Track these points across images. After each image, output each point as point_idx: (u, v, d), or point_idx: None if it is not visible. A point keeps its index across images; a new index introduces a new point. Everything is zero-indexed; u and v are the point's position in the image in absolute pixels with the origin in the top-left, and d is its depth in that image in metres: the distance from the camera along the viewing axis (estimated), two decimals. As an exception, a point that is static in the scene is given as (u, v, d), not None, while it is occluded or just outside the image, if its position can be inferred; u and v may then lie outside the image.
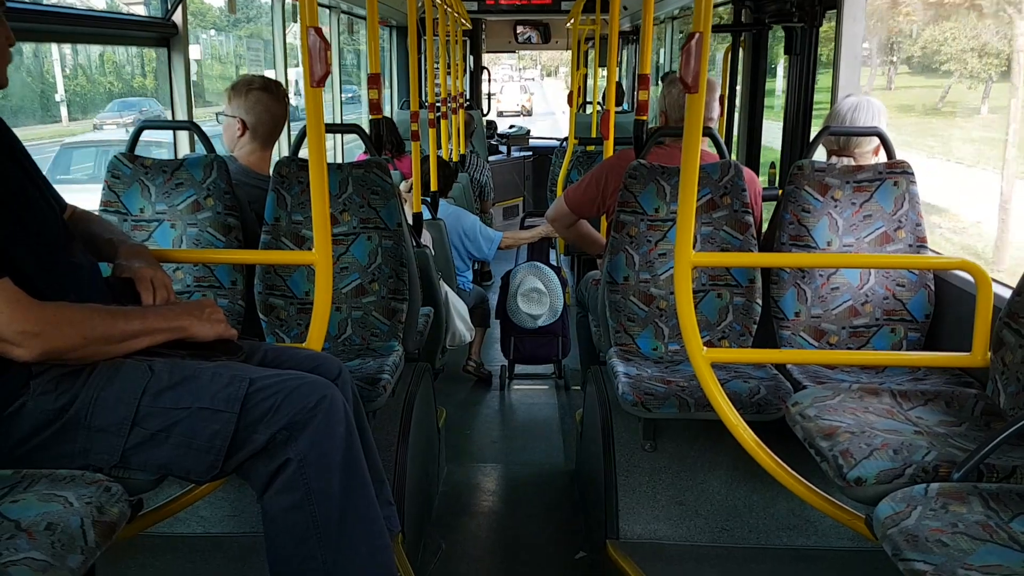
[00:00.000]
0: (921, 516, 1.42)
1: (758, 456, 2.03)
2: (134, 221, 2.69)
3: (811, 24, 3.79)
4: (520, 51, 12.42)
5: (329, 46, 1.88)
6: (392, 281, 2.80)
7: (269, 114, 2.86)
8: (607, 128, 4.05)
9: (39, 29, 2.72)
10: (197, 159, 2.72)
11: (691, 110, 1.90)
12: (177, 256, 2.33)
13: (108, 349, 1.61)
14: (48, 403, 1.54)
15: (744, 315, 2.75)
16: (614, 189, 3.13)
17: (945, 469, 1.61)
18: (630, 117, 6.84)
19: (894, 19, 3.68)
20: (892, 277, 2.64)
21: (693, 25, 1.87)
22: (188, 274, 2.70)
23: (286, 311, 2.76)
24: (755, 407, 2.33)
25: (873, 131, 2.70)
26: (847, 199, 2.65)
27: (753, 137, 5.06)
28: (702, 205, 2.76)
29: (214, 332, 1.79)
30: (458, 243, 4.71)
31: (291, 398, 1.64)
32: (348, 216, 2.79)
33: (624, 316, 2.81)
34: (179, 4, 3.26)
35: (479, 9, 8.60)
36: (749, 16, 4.70)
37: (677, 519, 2.50)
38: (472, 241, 4.72)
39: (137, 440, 1.57)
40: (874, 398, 1.95)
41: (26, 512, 1.36)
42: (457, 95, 6.92)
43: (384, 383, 2.41)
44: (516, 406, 4.69)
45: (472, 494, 3.35)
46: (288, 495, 1.64)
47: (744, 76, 5.03)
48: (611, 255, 2.82)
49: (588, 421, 3.04)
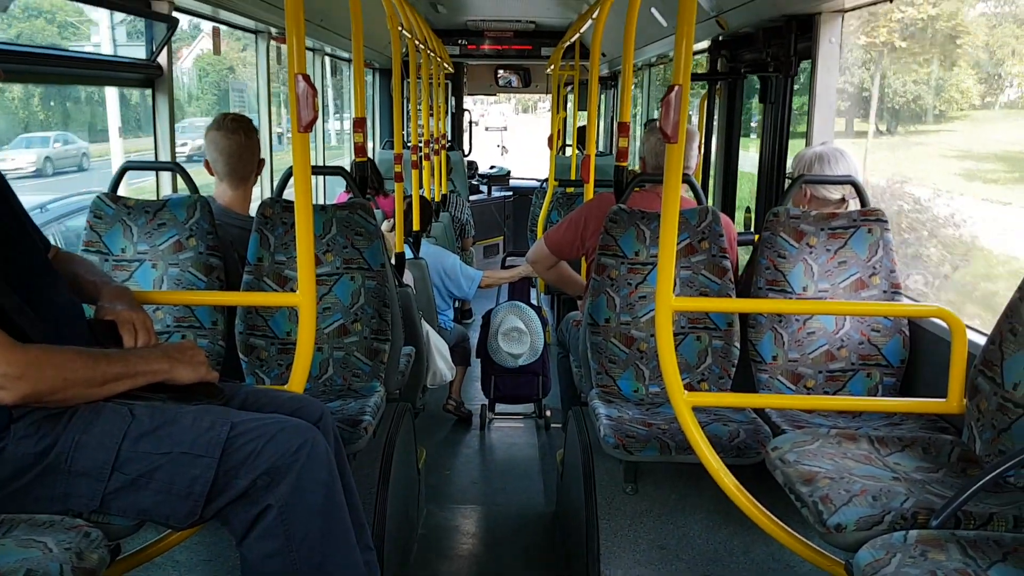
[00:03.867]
0: (900, 563, 1.44)
1: (738, 500, 2.04)
2: (115, 261, 2.68)
3: (786, 74, 3.89)
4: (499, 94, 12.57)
5: (316, 92, 1.91)
6: (375, 321, 2.80)
7: (218, 151, 2.88)
8: (587, 172, 4.11)
9: (22, 70, 2.73)
10: (180, 200, 2.73)
11: (671, 159, 1.95)
12: (160, 298, 2.33)
13: (90, 392, 1.60)
14: (29, 447, 1.53)
15: (723, 358, 2.78)
16: (593, 231, 3.17)
17: (923, 516, 1.63)
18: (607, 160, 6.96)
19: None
20: (867, 323, 2.69)
21: (673, 78, 1.93)
22: (168, 314, 2.69)
23: (267, 351, 2.75)
24: (735, 451, 2.35)
25: (847, 179, 2.77)
26: (822, 245, 2.71)
27: (728, 182, 5.15)
28: (681, 249, 2.81)
29: (196, 375, 1.78)
30: (439, 282, 4.72)
31: (272, 443, 1.64)
32: (331, 256, 2.80)
33: (605, 358, 2.83)
34: (164, 46, 3.28)
35: (461, 54, 8.74)
36: (725, 65, 4.82)
37: (659, 563, 2.50)
38: (452, 280, 4.74)
39: (117, 485, 1.56)
40: (852, 443, 1.98)
41: (5, 558, 1.34)
42: (439, 136, 7.00)
43: (366, 425, 2.40)
44: (496, 446, 4.67)
45: (452, 536, 3.32)
46: (268, 542, 1.63)
47: (720, 123, 5.14)
48: (592, 297, 2.85)
49: (569, 463, 3.03)
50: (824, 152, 2.86)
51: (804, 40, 3.69)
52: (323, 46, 5.93)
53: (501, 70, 10.22)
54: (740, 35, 4.49)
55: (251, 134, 2.91)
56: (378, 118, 8.58)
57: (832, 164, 2.82)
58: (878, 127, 4.47)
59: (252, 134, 2.91)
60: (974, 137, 4.06)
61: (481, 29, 8.59)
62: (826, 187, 2.83)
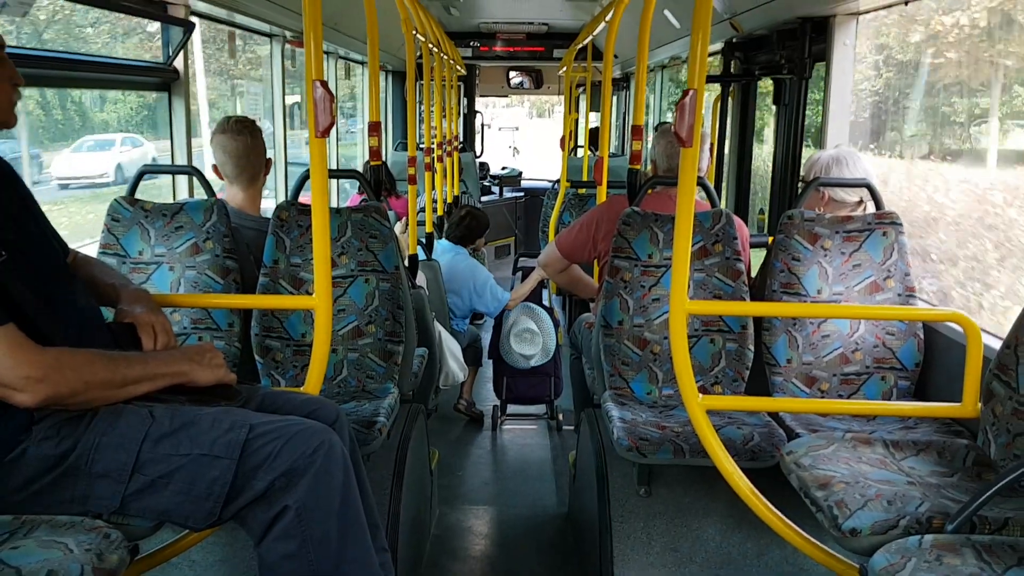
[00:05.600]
0: (916, 568, 1.44)
1: (753, 504, 2.04)
2: (133, 264, 2.71)
3: (800, 76, 3.88)
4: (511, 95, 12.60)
5: (334, 98, 1.93)
6: (389, 323, 2.82)
7: (226, 154, 2.89)
8: (600, 174, 4.11)
9: (39, 75, 2.76)
10: (197, 203, 2.75)
11: (686, 162, 1.95)
12: (178, 301, 2.35)
13: (110, 394, 1.62)
14: (49, 449, 1.55)
15: (737, 361, 2.78)
16: (605, 234, 3.18)
17: (938, 520, 1.63)
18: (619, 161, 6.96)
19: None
20: (882, 326, 2.68)
21: (688, 82, 1.93)
22: (185, 316, 2.71)
23: (282, 353, 2.77)
24: (749, 454, 2.34)
25: (862, 183, 2.76)
26: (836, 248, 2.70)
27: (741, 185, 5.14)
28: (695, 252, 2.81)
29: (214, 377, 1.80)
30: (467, 296, 4.74)
31: (290, 444, 1.65)
32: (346, 259, 2.82)
33: (618, 360, 2.83)
34: (180, 50, 3.31)
35: (473, 55, 8.76)
36: (738, 67, 4.81)
37: (672, 566, 2.50)
38: (480, 297, 4.75)
39: (137, 486, 1.58)
40: (867, 448, 1.97)
41: (27, 559, 1.36)
42: (452, 138, 7.02)
43: (380, 426, 2.42)
44: (508, 447, 4.68)
45: (464, 537, 3.33)
46: (286, 543, 1.64)
47: (733, 126, 5.13)
48: (605, 299, 2.85)
49: (582, 465, 3.04)
50: (840, 154, 2.86)
51: (819, 42, 3.69)
52: (336, 49, 5.96)
53: (513, 72, 10.23)
54: (754, 37, 4.48)
55: (256, 134, 2.93)
56: (391, 120, 8.61)
57: (850, 166, 2.81)
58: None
59: (257, 134, 2.93)
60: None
61: (494, 31, 8.61)
62: (844, 189, 2.83)
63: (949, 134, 3.88)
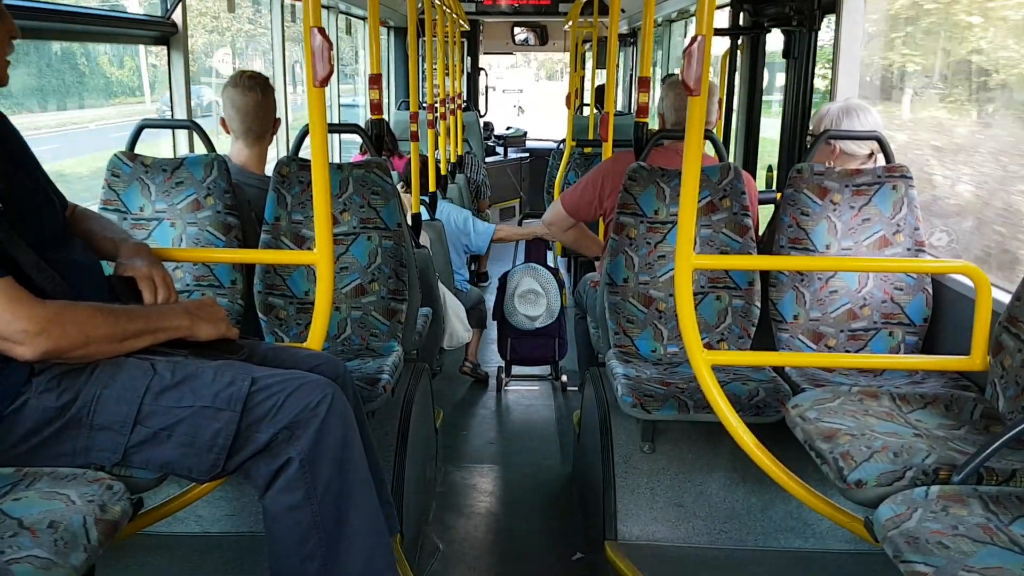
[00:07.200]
0: (922, 518, 1.43)
1: (757, 458, 2.03)
2: (134, 220, 2.69)
3: (809, 28, 3.80)
4: (516, 52, 12.38)
5: (332, 46, 1.88)
6: (392, 281, 2.80)
7: (234, 108, 2.85)
8: (606, 130, 4.06)
9: (36, 27, 2.71)
10: (197, 158, 2.72)
11: (693, 113, 1.90)
12: (178, 255, 2.33)
13: (110, 348, 1.60)
14: (50, 401, 1.54)
15: (743, 317, 2.76)
16: (611, 191, 3.13)
17: (945, 472, 1.61)
18: (625, 119, 6.87)
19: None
20: (890, 281, 2.65)
21: (696, 28, 1.88)
22: (188, 273, 2.70)
23: (285, 310, 2.76)
24: (754, 409, 2.33)
25: (872, 135, 2.71)
26: (846, 203, 2.66)
27: (750, 140, 5.07)
28: (702, 208, 2.77)
29: (216, 331, 1.79)
30: (454, 238, 4.72)
31: (293, 397, 1.64)
32: (348, 216, 2.79)
33: (623, 318, 2.81)
34: (179, 3, 3.25)
35: (477, 11, 8.61)
36: (748, 20, 4.71)
37: (675, 521, 2.51)
38: (464, 233, 4.73)
39: (139, 438, 1.57)
40: (874, 401, 1.96)
41: (28, 510, 1.36)
42: (455, 96, 6.93)
43: (384, 383, 2.41)
44: (513, 407, 4.69)
45: (469, 495, 3.35)
46: (290, 494, 1.64)
47: (742, 79, 5.05)
48: (611, 257, 2.82)
49: (587, 422, 3.04)
50: (851, 106, 2.80)
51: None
52: (337, 3, 5.86)
53: (518, 28, 10.06)
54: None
55: (268, 92, 2.88)
56: (393, 79, 8.50)
57: (861, 118, 2.76)
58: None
59: (268, 92, 2.89)
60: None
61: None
62: (855, 142, 2.77)
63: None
